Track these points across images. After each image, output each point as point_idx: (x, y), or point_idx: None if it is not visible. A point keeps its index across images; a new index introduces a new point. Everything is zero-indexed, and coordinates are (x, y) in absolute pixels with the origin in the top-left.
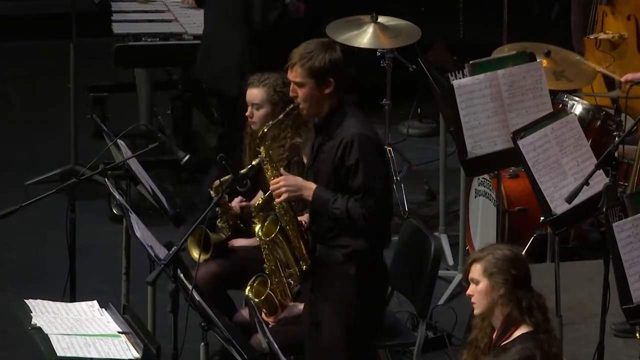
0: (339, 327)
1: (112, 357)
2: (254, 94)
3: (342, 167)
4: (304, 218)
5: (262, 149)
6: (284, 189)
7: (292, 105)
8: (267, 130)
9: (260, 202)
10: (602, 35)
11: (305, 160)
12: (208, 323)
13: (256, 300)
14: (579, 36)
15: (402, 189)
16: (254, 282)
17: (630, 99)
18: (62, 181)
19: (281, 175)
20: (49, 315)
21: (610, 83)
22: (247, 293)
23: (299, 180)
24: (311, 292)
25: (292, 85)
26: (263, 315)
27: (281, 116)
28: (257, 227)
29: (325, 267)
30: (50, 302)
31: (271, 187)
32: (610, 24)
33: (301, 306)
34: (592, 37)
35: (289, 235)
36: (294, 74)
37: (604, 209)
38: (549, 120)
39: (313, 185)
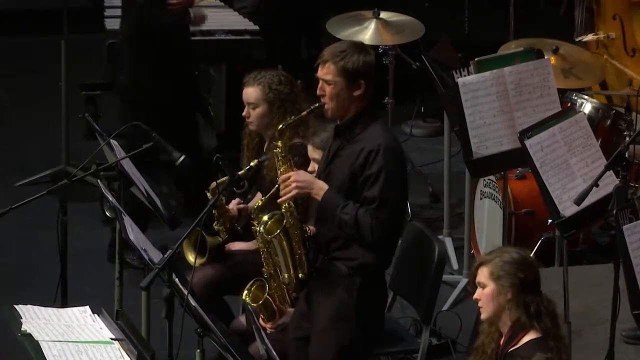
0: (330, 343)
1: None
2: (249, 92)
3: (360, 175)
4: (309, 226)
5: (280, 142)
6: (293, 184)
7: (317, 104)
8: (286, 126)
9: (260, 203)
10: (589, 37)
11: (311, 155)
12: (204, 329)
13: (253, 305)
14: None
15: None
16: (251, 286)
17: None
18: (53, 182)
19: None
20: (39, 322)
21: (602, 85)
22: (244, 297)
23: (310, 177)
24: (306, 303)
25: (320, 83)
26: (260, 321)
27: (304, 113)
28: (262, 220)
29: (325, 278)
30: (41, 307)
31: (280, 183)
32: (600, 24)
33: None
34: (577, 39)
35: (291, 239)
36: (325, 71)
37: (614, 211)
38: (557, 119)
39: (325, 186)
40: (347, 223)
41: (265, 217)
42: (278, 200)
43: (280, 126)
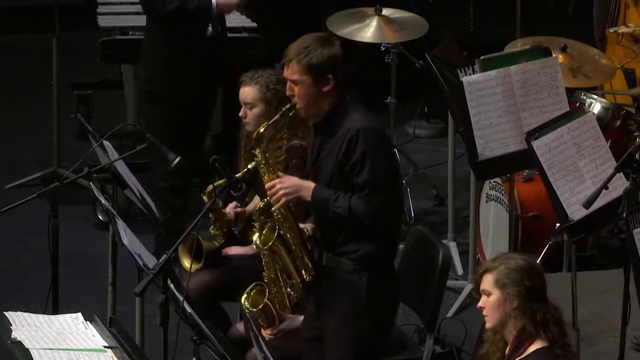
0: (345, 341)
1: None
2: (246, 92)
3: (346, 163)
4: (307, 226)
5: (257, 151)
6: (281, 192)
7: (288, 105)
8: (263, 131)
9: (261, 206)
10: (622, 29)
11: None
12: (200, 337)
13: (252, 309)
14: (602, 30)
15: (409, 193)
16: (251, 290)
17: None
18: (44, 185)
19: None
20: (30, 329)
21: (631, 80)
22: (243, 301)
23: (295, 180)
24: (315, 304)
25: (288, 83)
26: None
27: (277, 116)
28: (255, 236)
29: (333, 277)
30: (31, 314)
31: (268, 193)
32: (633, 16)
33: (301, 318)
34: (612, 30)
35: (289, 244)
36: (290, 71)
37: (624, 215)
38: (565, 119)
39: (312, 184)
40: (342, 215)
41: (256, 234)
42: (272, 209)
43: (255, 133)
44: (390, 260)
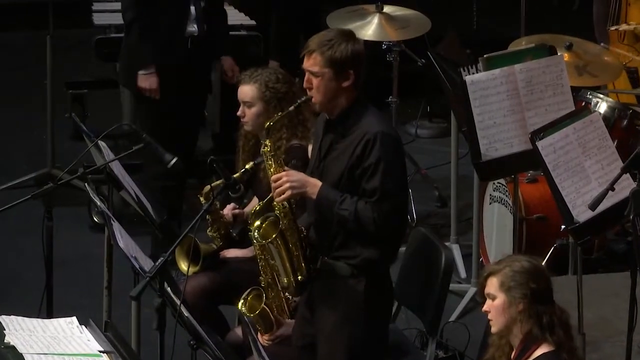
0: (341, 346)
1: None
2: (245, 91)
3: (358, 166)
4: (303, 225)
5: (268, 141)
6: (287, 185)
7: (304, 97)
8: (274, 123)
9: (258, 208)
10: (623, 27)
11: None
12: (197, 341)
13: (250, 315)
14: (602, 28)
15: (411, 195)
16: (248, 295)
17: None
18: (38, 186)
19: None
20: (23, 333)
21: (634, 79)
22: (240, 307)
23: (302, 175)
24: (308, 308)
25: (306, 75)
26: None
27: (292, 108)
28: (255, 225)
29: (328, 280)
30: (25, 318)
31: (272, 184)
32: (634, 14)
33: None
34: (612, 28)
35: (288, 241)
36: (311, 63)
37: (631, 217)
38: (570, 119)
39: (319, 183)
40: (347, 219)
41: (258, 222)
42: (274, 203)
43: (268, 123)
44: (388, 265)
